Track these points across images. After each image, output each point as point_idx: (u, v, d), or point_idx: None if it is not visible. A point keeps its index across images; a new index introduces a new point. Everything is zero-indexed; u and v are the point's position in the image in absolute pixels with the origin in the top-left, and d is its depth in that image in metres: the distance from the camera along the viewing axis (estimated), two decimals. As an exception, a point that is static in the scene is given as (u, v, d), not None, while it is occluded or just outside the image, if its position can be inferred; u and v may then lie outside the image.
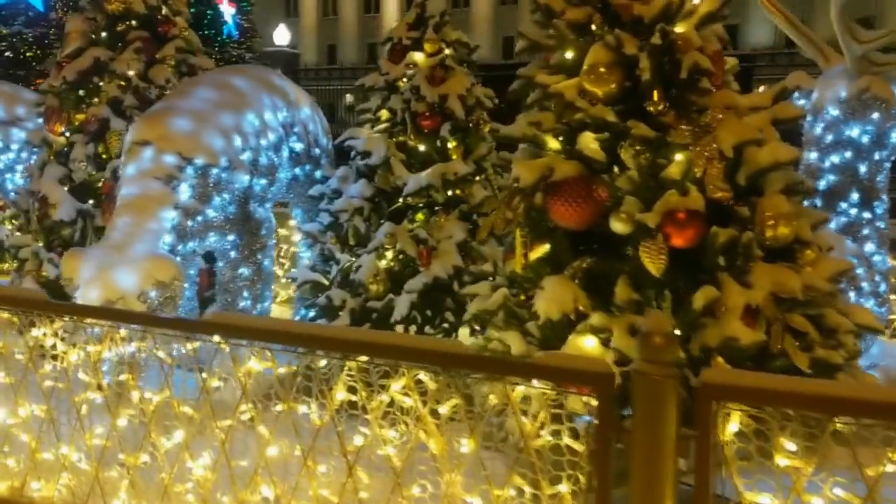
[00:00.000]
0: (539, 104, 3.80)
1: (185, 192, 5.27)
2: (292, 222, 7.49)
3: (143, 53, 7.04)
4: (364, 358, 2.95)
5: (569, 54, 3.71)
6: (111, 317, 3.79)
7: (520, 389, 2.74)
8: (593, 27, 3.64)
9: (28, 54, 15.42)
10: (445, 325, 5.60)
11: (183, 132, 5.32)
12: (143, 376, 3.79)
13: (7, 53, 15.12)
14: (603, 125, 3.54)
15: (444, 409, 2.94)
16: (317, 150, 6.54)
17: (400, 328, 5.60)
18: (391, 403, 3.02)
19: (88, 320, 3.81)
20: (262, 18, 32.53)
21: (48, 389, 3.85)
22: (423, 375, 2.89)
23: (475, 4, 48.58)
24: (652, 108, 3.53)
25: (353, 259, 5.93)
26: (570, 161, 3.62)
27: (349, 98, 45.17)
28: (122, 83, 6.93)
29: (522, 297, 3.91)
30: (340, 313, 5.76)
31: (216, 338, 3.39)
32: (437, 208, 5.87)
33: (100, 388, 3.73)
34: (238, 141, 5.60)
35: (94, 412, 3.81)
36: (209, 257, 5.66)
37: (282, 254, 8.52)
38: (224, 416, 3.38)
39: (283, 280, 7.57)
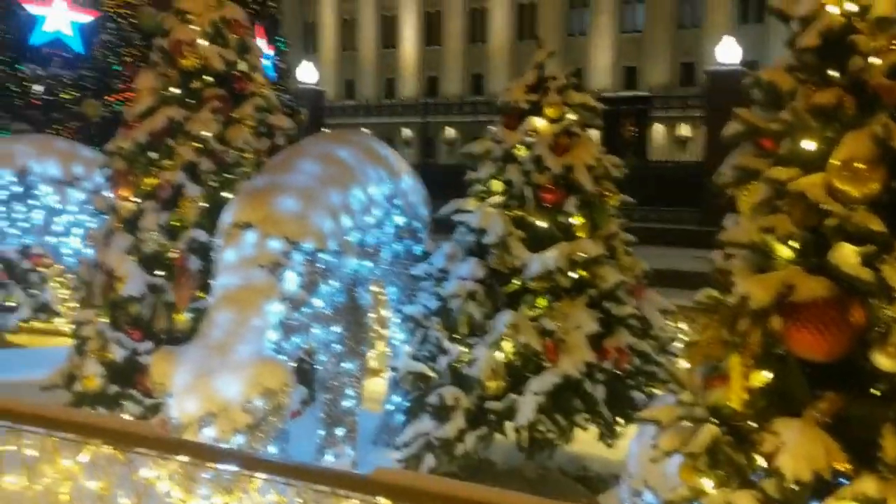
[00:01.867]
0: (767, 204, 3.15)
1: (291, 282, 4.62)
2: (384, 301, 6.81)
3: (219, 113, 6.44)
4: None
5: (809, 145, 3.07)
6: (244, 462, 3.13)
7: None
8: (845, 113, 3.00)
9: (65, 96, 14.94)
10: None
11: (289, 213, 4.68)
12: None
13: (44, 96, 14.64)
14: (865, 235, 2.89)
15: None
16: (417, 224, 5.92)
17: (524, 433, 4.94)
18: None
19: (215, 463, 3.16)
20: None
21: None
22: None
23: (493, 40, 48.39)
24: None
25: (466, 350, 5.28)
26: (817, 277, 2.97)
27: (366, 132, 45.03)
28: (198, 145, 6.33)
29: (732, 438, 3.23)
30: (453, 414, 5.11)
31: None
32: (561, 293, 5.22)
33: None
34: (346, 221, 4.97)
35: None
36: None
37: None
38: None
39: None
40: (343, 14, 53.79)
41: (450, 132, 45.71)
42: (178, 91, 6.50)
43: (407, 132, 46.59)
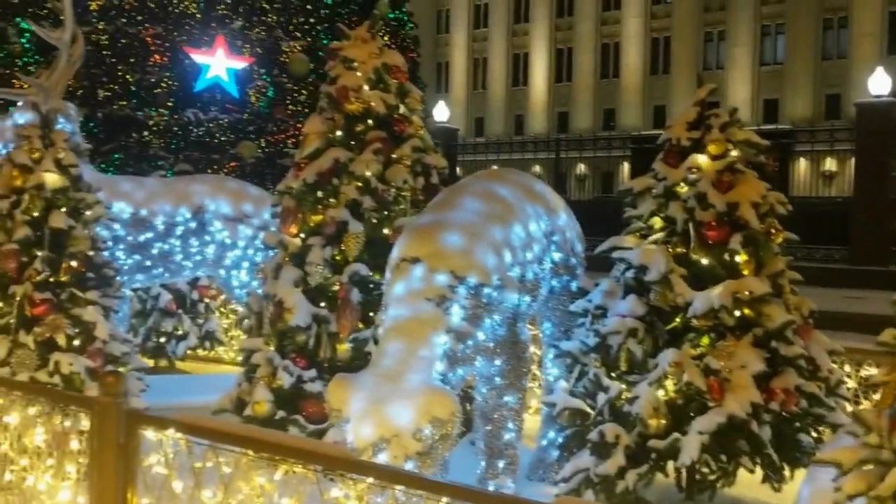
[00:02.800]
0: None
1: (456, 315, 4.78)
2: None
3: (381, 154, 6.75)
4: None
5: None
6: (429, 486, 3.26)
7: None
8: None
9: (222, 139, 15.92)
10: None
11: (455, 248, 4.86)
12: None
13: (204, 139, 15.67)
14: None
15: None
16: (573, 260, 5.99)
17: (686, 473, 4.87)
18: None
19: (401, 486, 3.30)
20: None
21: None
22: None
23: (625, 75, 48.07)
24: None
25: (626, 387, 5.27)
26: None
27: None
28: (361, 184, 6.65)
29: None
30: (613, 451, 5.10)
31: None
32: (725, 332, 5.15)
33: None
34: (508, 256, 5.10)
35: None
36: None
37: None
38: None
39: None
40: (474, 54, 54.85)
41: (581, 168, 45.56)
42: (343, 134, 6.88)
43: (537, 168, 46.75)
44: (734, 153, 5.36)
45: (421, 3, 45.61)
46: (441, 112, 31.62)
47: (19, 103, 7.79)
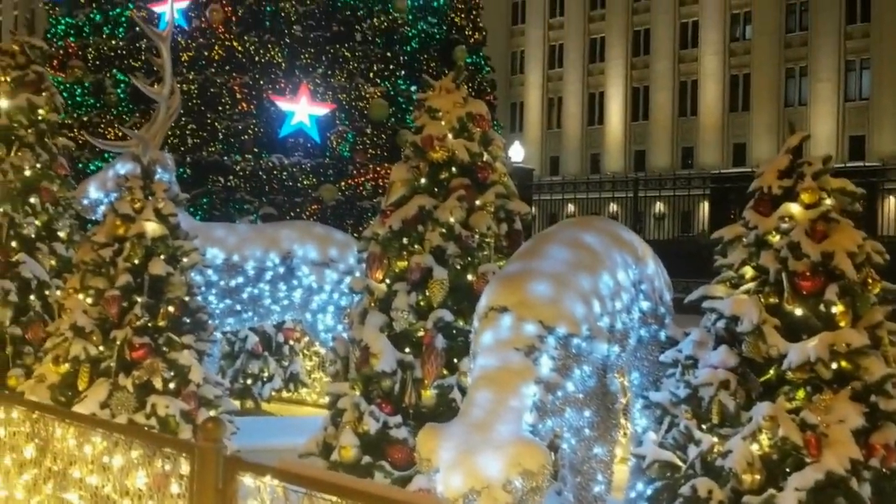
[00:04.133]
0: None
1: (545, 365, 4.78)
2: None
3: (464, 201, 6.84)
4: None
5: None
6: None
7: None
8: None
9: (305, 183, 16.33)
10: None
11: (543, 298, 4.88)
12: None
13: (287, 183, 16.09)
14: None
15: None
16: (662, 309, 5.93)
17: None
18: None
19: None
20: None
21: None
22: None
23: (703, 113, 47.50)
24: None
25: (718, 440, 5.16)
26: None
27: (571, 208, 45.28)
28: (445, 231, 6.74)
29: None
30: (707, 506, 4.99)
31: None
32: (822, 385, 5.01)
33: None
34: (596, 306, 5.09)
35: None
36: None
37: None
38: None
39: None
40: (548, 93, 55.08)
41: (660, 207, 45.04)
42: (427, 181, 7.01)
43: (614, 207, 46.40)
44: (828, 202, 5.26)
45: (495, 44, 46.07)
46: (516, 152, 31.85)
47: (121, 154, 8.18)
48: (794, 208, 5.25)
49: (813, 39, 43.50)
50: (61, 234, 8.49)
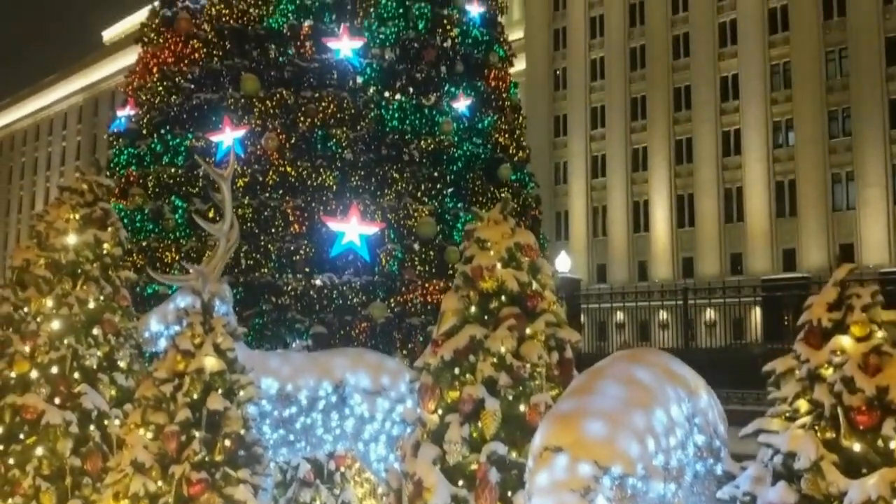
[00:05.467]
0: None
1: (601, 506, 4.75)
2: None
3: (515, 330, 6.94)
4: None
5: None
6: None
7: None
8: None
9: (354, 301, 16.55)
10: None
11: (598, 437, 4.90)
12: None
13: (338, 301, 16.33)
14: None
15: None
16: (717, 442, 5.87)
17: None
18: None
19: None
20: (543, 247, 33.72)
21: None
22: None
23: (750, 219, 47.37)
24: None
25: (782, 581, 5.02)
26: None
27: (620, 316, 44.89)
28: (496, 361, 6.82)
29: None
30: None
31: None
32: (886, 524, 4.88)
33: None
34: (651, 444, 5.09)
35: None
36: None
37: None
38: None
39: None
40: (593, 202, 55.56)
41: (710, 314, 44.45)
42: (477, 310, 7.14)
43: (664, 315, 45.89)
44: (879, 334, 5.24)
45: (539, 155, 46.96)
46: (563, 262, 31.87)
47: (181, 287, 8.49)
48: (846, 341, 5.25)
49: (857, 145, 43.60)
50: (121, 364, 8.73)
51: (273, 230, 16.70)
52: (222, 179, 8.39)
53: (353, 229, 16.67)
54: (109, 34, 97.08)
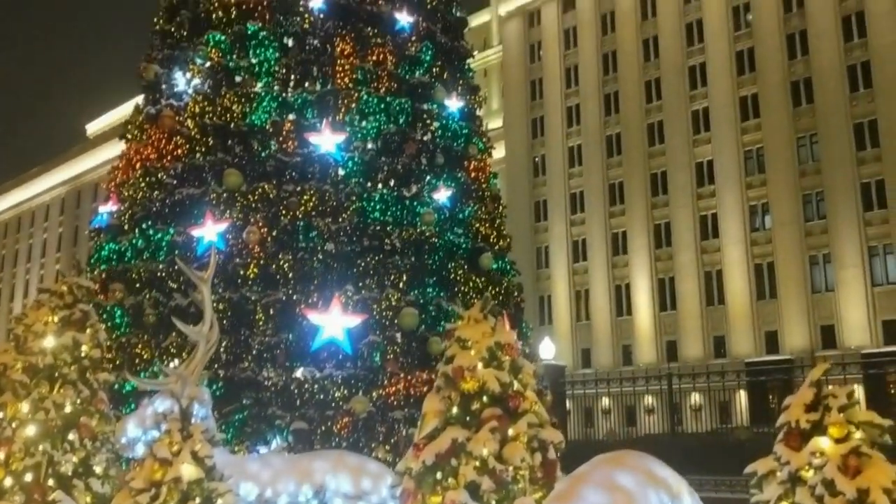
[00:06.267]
0: None
1: None
2: None
3: (497, 432, 6.91)
4: None
5: None
6: None
7: None
8: None
9: (336, 395, 16.36)
10: None
11: (581, 547, 4.83)
12: None
13: (319, 395, 16.14)
14: None
15: None
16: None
17: None
18: None
19: None
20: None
21: None
22: None
23: (731, 302, 47.67)
24: None
25: None
26: None
27: (606, 402, 44.51)
28: (478, 464, 6.76)
29: None
30: None
31: None
32: None
33: None
34: (633, 551, 5.02)
35: None
36: None
37: None
38: None
39: None
40: (576, 286, 55.79)
41: (695, 398, 44.25)
42: (459, 411, 7.11)
43: (649, 399, 45.62)
44: (857, 435, 5.27)
45: (520, 239, 47.42)
46: (547, 348, 31.73)
47: (159, 391, 8.41)
48: (825, 443, 5.27)
49: (832, 227, 44.35)
50: (97, 470, 8.57)
51: (254, 324, 16.62)
52: (202, 282, 8.41)
53: (335, 322, 16.62)
54: (93, 127, 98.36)
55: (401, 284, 18.34)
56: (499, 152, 51.62)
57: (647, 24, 54.17)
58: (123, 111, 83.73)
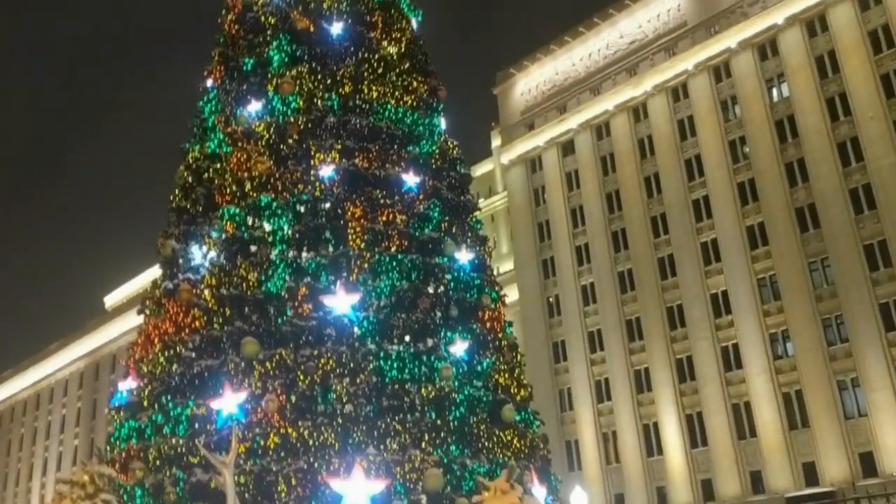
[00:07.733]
0: None
1: None
2: None
3: None
4: None
5: None
6: None
7: None
8: None
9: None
10: None
11: None
12: None
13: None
14: None
15: None
16: None
17: None
18: None
19: None
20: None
21: None
22: None
23: (763, 434, 46.27)
24: None
25: None
26: None
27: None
28: None
29: None
30: None
31: None
32: None
33: None
34: None
35: None
36: None
37: None
38: None
39: None
40: (602, 428, 54.39)
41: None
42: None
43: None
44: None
45: (541, 382, 46.71)
46: (579, 498, 30.54)
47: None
48: None
49: (857, 351, 43.64)
50: None
51: (276, 496, 16.21)
52: (224, 466, 8.28)
53: (358, 489, 16.16)
54: (111, 300, 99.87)
55: (423, 444, 17.98)
56: (512, 294, 51.80)
57: (647, 163, 55.53)
58: (141, 281, 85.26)
